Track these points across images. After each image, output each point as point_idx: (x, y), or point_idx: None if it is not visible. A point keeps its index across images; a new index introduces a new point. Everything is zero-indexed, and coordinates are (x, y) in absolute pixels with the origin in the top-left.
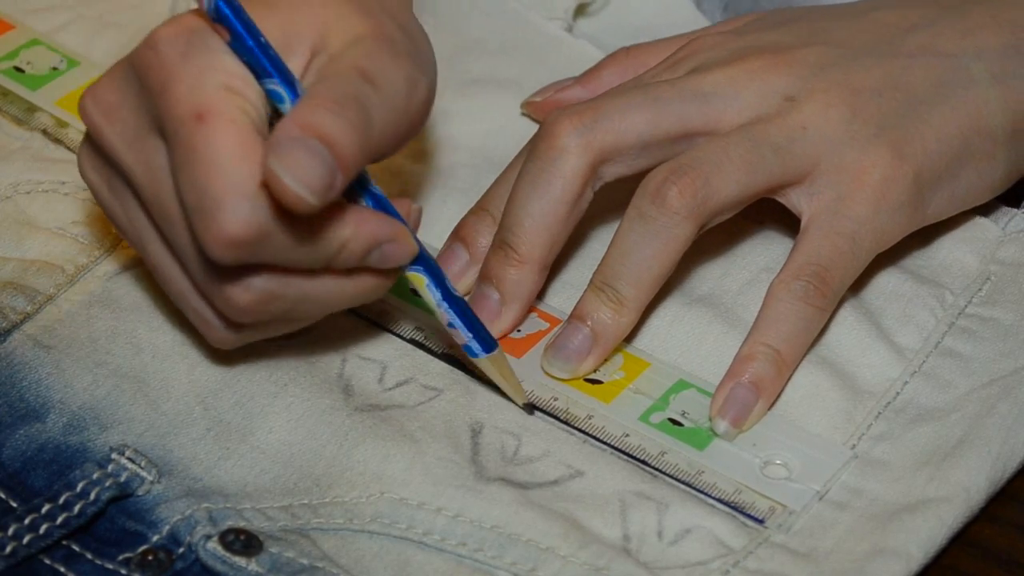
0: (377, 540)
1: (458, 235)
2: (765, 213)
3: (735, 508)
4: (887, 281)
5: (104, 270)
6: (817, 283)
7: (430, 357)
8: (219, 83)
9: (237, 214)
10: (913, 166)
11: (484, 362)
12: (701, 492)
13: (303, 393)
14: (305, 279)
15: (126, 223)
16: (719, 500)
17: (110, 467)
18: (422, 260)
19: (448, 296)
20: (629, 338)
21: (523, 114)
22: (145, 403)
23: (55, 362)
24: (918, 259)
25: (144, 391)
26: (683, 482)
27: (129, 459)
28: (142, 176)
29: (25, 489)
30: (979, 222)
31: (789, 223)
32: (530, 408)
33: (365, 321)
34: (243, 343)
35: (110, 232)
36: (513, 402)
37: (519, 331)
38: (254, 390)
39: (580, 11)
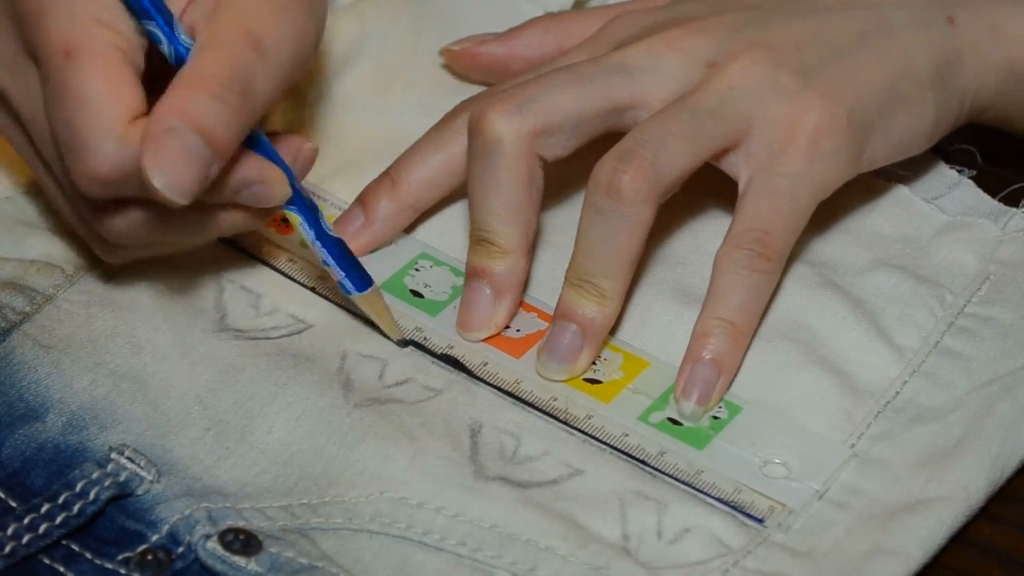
0: (377, 539)
1: (360, 198)
2: None
3: (734, 507)
4: (887, 281)
5: (103, 271)
6: (760, 248)
7: (429, 359)
8: (91, 16)
9: (102, 153)
10: (845, 109)
11: (358, 299)
12: (700, 491)
13: (302, 392)
14: (176, 211)
15: (16, 144)
16: (718, 499)
17: (109, 467)
18: (297, 200)
19: (322, 235)
20: (629, 338)
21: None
22: (144, 403)
23: (54, 362)
24: (918, 259)
25: (143, 391)
26: (682, 482)
27: (128, 459)
28: (20, 100)
29: (24, 489)
30: (979, 222)
31: None
32: (404, 343)
33: (364, 321)
34: (128, 260)
35: None
36: (389, 339)
37: (518, 331)
38: (253, 390)
39: (578, 7)
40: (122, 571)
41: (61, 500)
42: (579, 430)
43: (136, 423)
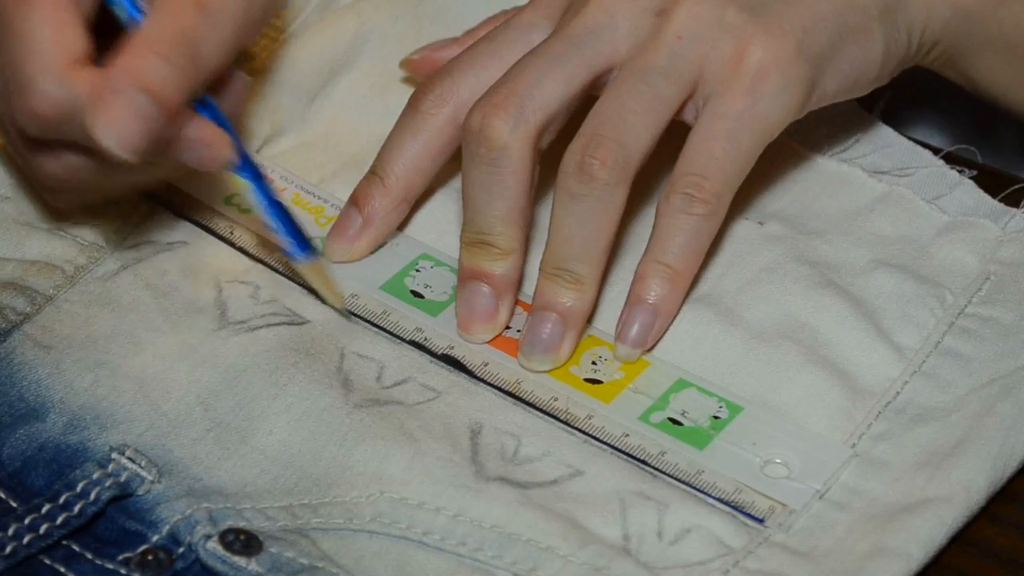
0: (377, 540)
1: (353, 200)
2: (766, 213)
3: (735, 507)
4: (887, 281)
5: (104, 270)
6: (695, 191)
7: (427, 360)
8: None
9: (42, 91)
10: (793, 41)
11: (302, 267)
12: (701, 491)
13: (302, 393)
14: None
15: None
16: (719, 499)
17: (110, 467)
18: (246, 165)
19: (271, 201)
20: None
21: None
22: (145, 403)
23: (55, 362)
24: (919, 259)
25: (144, 391)
26: (683, 482)
27: (129, 459)
28: None
29: (25, 489)
30: (979, 222)
31: (791, 222)
32: (347, 313)
33: (363, 321)
34: (70, 205)
35: (111, 232)
36: (332, 307)
37: (518, 332)
38: (254, 391)
39: None
40: (123, 571)
41: (62, 500)
42: (580, 430)
43: (137, 423)
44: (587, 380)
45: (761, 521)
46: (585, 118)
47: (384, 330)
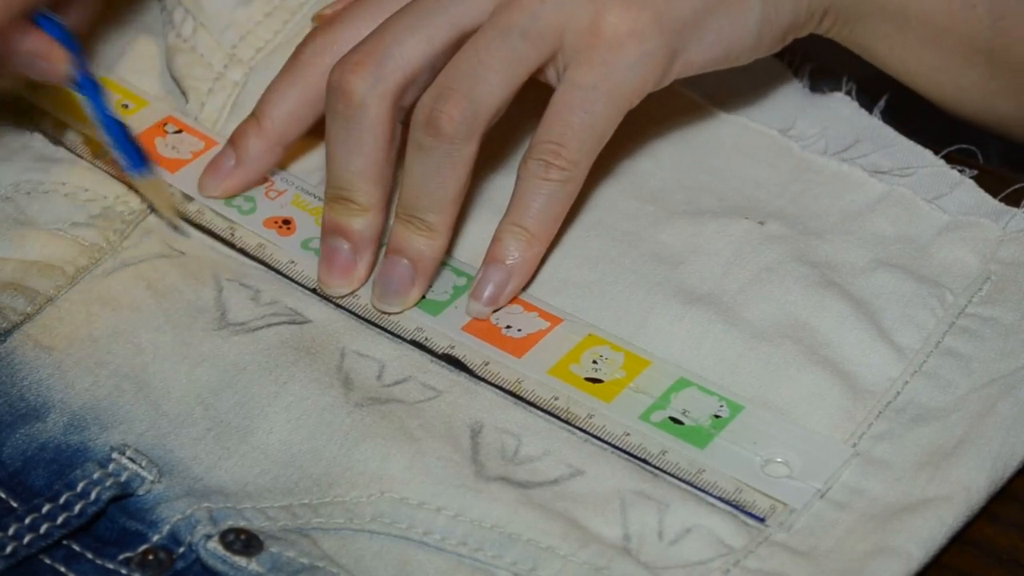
0: (377, 540)
1: (230, 140)
2: (766, 213)
3: (736, 507)
4: (887, 281)
5: (104, 270)
6: (551, 157)
7: (428, 359)
8: None
9: None
10: (652, 11)
11: (139, 182)
12: (702, 491)
13: (303, 392)
14: None
15: None
16: (720, 498)
17: (111, 467)
18: (85, 81)
19: (106, 117)
20: (629, 337)
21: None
22: (146, 403)
23: (56, 362)
24: (919, 259)
25: (145, 391)
26: (684, 481)
27: (130, 459)
28: None
29: (25, 489)
30: (980, 222)
31: (791, 222)
32: (177, 227)
33: (364, 321)
34: None
35: (111, 232)
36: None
37: (519, 331)
38: (254, 390)
39: None
40: (123, 571)
41: (62, 500)
42: (580, 429)
43: (137, 423)
44: (588, 379)
45: (762, 520)
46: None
47: (385, 330)
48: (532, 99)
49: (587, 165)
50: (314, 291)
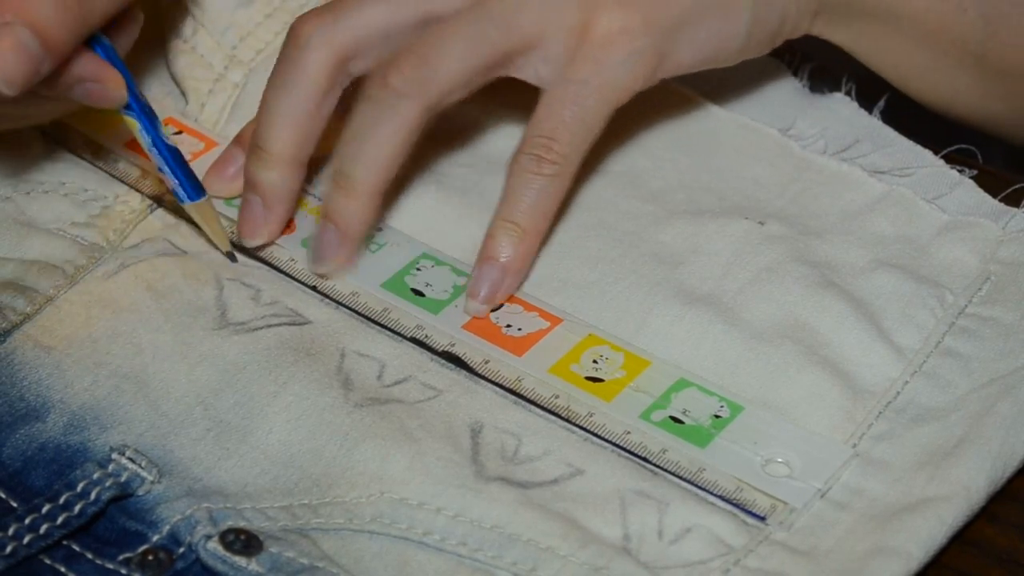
0: (377, 540)
1: (236, 138)
2: (766, 213)
3: (736, 506)
4: (887, 281)
5: (104, 270)
6: (543, 152)
7: (428, 358)
8: None
9: None
10: (640, 13)
11: (190, 208)
12: (702, 489)
13: (303, 392)
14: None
15: None
16: (720, 497)
17: (110, 467)
18: (136, 107)
19: (159, 143)
20: (629, 337)
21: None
22: (145, 403)
23: (55, 362)
24: (919, 259)
25: (144, 391)
26: (684, 479)
27: (129, 459)
28: None
29: (25, 489)
30: (980, 222)
31: (791, 222)
32: (232, 256)
33: (364, 320)
34: None
35: (111, 232)
36: (218, 249)
37: (520, 330)
38: (254, 390)
39: None
40: (123, 571)
41: (62, 500)
42: (581, 427)
43: (137, 424)
44: (588, 378)
45: (763, 519)
46: None
47: (385, 327)
48: (530, 99)
49: (577, 160)
50: (314, 288)
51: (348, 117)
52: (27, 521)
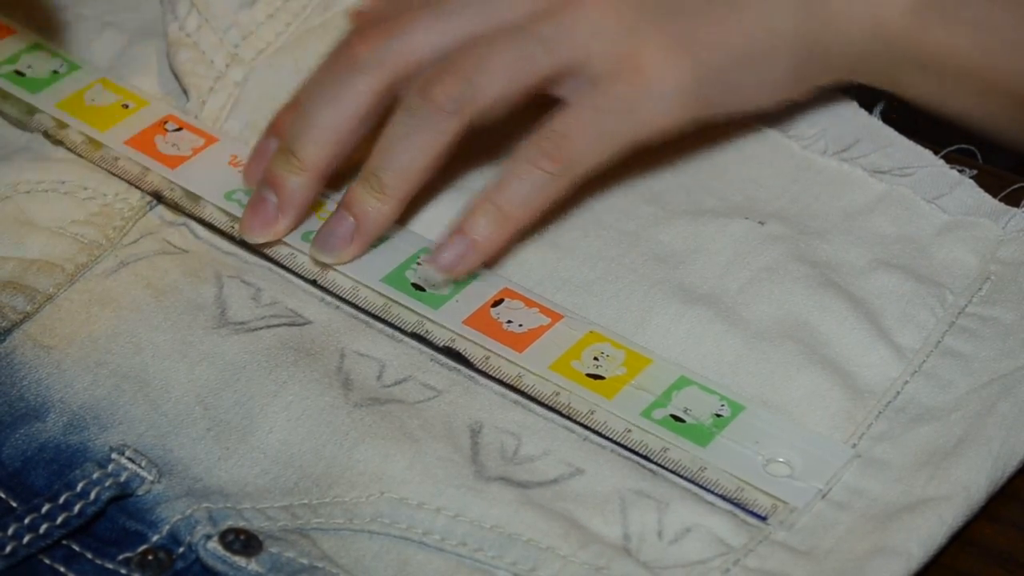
0: (377, 540)
1: (272, 128)
2: (766, 213)
3: (737, 505)
4: (887, 281)
5: (104, 269)
6: (550, 148)
7: (428, 358)
8: None
9: None
10: (690, 55)
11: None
12: (703, 488)
13: (303, 391)
14: None
15: None
16: (721, 496)
17: (110, 467)
18: None
19: None
20: (629, 336)
21: None
22: (145, 403)
23: (55, 362)
24: (919, 259)
25: (144, 391)
26: (685, 478)
27: (129, 459)
28: None
29: (25, 489)
30: (980, 222)
31: (791, 222)
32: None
33: (362, 319)
34: None
35: (111, 231)
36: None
37: (520, 326)
38: (254, 390)
39: None
40: (123, 571)
41: (62, 500)
42: (582, 425)
43: (137, 423)
44: (589, 375)
45: (764, 519)
46: None
47: (385, 322)
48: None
49: (582, 171)
50: (314, 283)
51: (386, 124)
52: (27, 521)
